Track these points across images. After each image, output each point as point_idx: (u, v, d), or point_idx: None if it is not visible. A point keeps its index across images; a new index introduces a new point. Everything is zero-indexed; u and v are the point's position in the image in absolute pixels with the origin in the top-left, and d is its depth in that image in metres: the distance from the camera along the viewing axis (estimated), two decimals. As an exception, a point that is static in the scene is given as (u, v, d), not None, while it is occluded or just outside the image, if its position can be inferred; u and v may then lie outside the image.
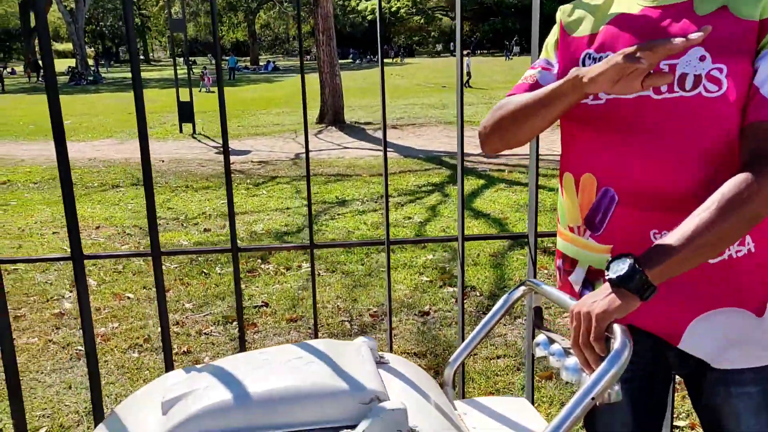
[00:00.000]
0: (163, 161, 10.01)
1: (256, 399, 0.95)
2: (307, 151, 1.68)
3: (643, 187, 1.14)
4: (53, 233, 5.92)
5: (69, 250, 5.39)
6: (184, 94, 13.34)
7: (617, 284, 1.01)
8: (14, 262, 1.46)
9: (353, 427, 0.94)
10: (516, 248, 4.89)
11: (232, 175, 9.06)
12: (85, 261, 1.56)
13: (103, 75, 36.09)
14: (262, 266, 4.74)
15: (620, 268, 1.01)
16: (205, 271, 4.68)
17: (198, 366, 1.12)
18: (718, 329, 1.15)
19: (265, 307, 3.98)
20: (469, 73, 22.58)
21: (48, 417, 2.80)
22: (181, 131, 13.25)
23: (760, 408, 1.16)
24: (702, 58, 1.08)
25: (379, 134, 12.71)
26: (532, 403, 1.84)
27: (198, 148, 11.44)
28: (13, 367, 1.55)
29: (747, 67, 1.07)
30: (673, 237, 1.02)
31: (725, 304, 1.15)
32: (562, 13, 1.32)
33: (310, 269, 4.63)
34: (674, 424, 2.53)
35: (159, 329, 3.70)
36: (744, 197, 1.00)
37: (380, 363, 1.17)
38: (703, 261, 1.03)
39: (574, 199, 1.25)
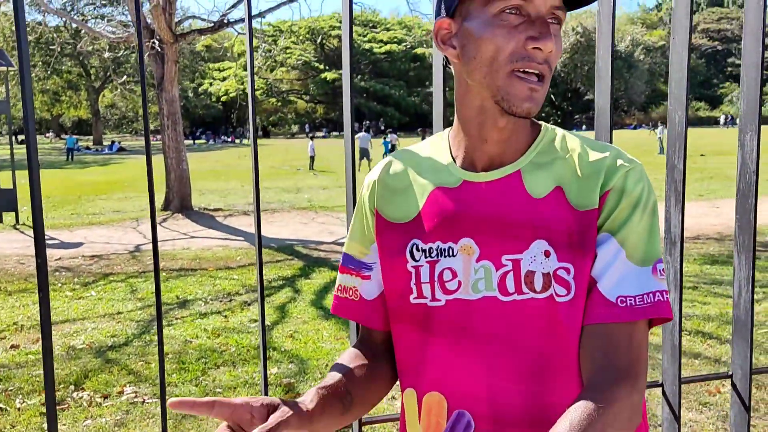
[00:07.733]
0: (-28, 258, 8.73)
1: None
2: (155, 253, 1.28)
3: (504, 408, 0.89)
4: None
5: None
6: (6, 180, 12.00)
7: None
8: None
9: None
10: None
11: (57, 273, 8.04)
12: None
13: None
14: (74, 394, 4.02)
15: None
16: (1, 405, 3.87)
17: None
18: None
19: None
20: (312, 157, 22.70)
21: None
22: (0, 221, 11.81)
23: None
24: (547, 254, 0.87)
25: (228, 221, 12.16)
26: None
27: (20, 242, 10.17)
28: None
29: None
30: None
31: None
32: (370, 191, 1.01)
33: (132, 396, 4.00)
34: None
35: None
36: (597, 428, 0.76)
37: None
38: None
39: (415, 424, 0.98)
